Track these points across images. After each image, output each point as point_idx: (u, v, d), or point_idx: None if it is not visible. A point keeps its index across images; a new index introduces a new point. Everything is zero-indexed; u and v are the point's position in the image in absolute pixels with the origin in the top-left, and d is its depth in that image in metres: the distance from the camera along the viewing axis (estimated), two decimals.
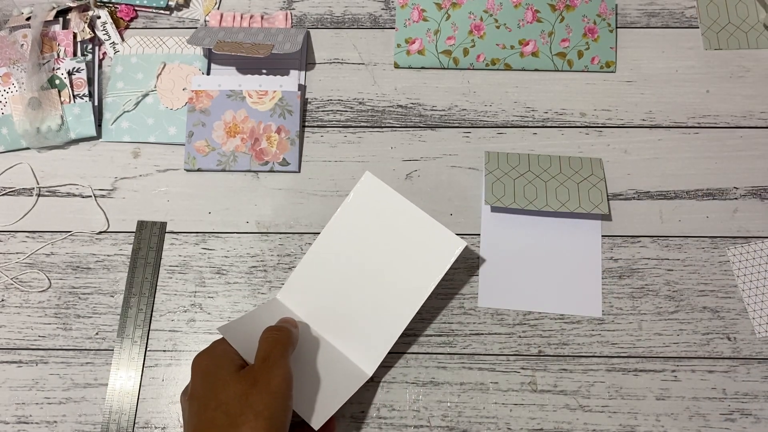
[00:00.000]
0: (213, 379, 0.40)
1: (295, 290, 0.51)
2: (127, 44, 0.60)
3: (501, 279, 0.53)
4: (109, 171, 0.57)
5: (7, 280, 0.54)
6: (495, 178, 0.54)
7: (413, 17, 0.58)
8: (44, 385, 0.51)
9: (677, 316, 0.52)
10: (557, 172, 0.54)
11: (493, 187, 0.53)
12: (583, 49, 0.58)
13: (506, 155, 0.55)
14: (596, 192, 0.53)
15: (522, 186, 0.53)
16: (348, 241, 0.51)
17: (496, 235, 0.54)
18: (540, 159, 0.55)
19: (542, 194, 0.53)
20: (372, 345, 0.49)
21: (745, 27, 0.59)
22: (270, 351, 0.42)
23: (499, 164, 0.54)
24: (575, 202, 0.52)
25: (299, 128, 0.56)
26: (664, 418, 0.49)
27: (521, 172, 0.54)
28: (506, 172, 0.54)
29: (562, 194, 0.53)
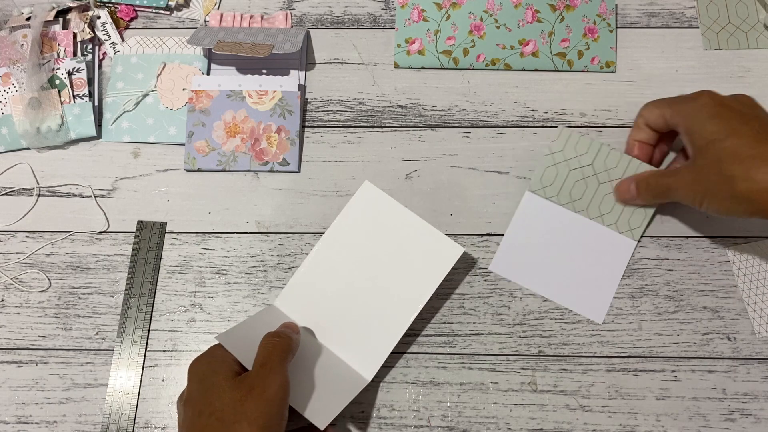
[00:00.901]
0: (208, 385, 0.40)
1: (293, 297, 0.51)
2: (127, 44, 0.60)
3: (520, 252, 0.53)
4: (109, 171, 0.57)
5: (7, 280, 0.54)
6: (552, 162, 0.53)
7: (413, 17, 0.58)
8: (44, 385, 0.51)
9: (677, 316, 0.52)
10: (619, 175, 0.52)
11: (545, 173, 0.53)
12: (583, 49, 0.58)
13: (578, 138, 0.53)
14: (640, 215, 0.52)
15: (573, 181, 0.53)
16: (346, 249, 0.51)
17: (532, 211, 0.53)
18: (610, 155, 0.53)
19: (588, 197, 0.52)
20: (370, 351, 0.49)
21: (745, 27, 0.59)
22: (268, 357, 0.42)
23: (566, 146, 0.53)
24: (614, 217, 0.52)
25: (299, 128, 0.56)
26: (664, 418, 0.49)
27: (582, 163, 0.53)
28: (568, 158, 0.53)
29: (606, 204, 0.52)
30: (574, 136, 0.53)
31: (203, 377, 0.41)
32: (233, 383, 0.40)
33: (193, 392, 0.41)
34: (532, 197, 0.53)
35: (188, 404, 0.40)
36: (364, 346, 0.49)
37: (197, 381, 0.41)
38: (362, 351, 0.49)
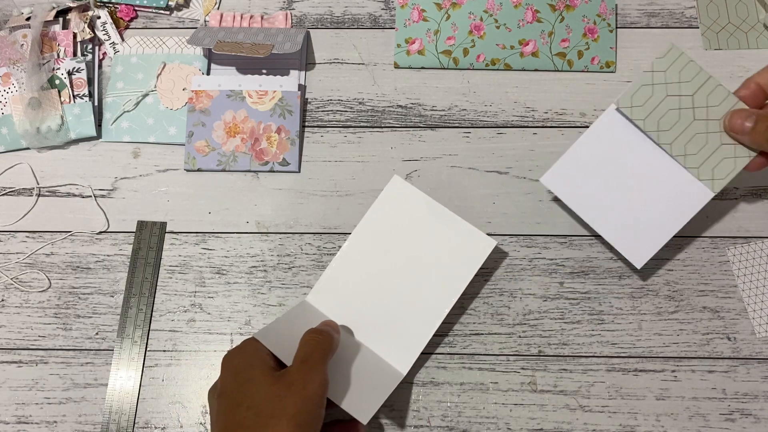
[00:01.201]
0: (245, 379, 0.40)
1: (325, 292, 0.51)
2: (127, 44, 0.60)
3: (580, 170, 0.48)
4: (109, 171, 0.57)
5: (7, 280, 0.54)
6: (650, 82, 0.47)
7: (413, 17, 0.58)
8: (44, 385, 0.51)
9: (677, 316, 0.52)
10: (719, 116, 0.46)
11: (639, 91, 0.47)
12: (583, 49, 0.58)
13: (687, 61, 0.47)
14: (728, 166, 0.46)
15: (667, 109, 0.46)
16: (377, 244, 0.51)
17: (610, 129, 0.48)
18: (717, 91, 0.46)
19: (677, 131, 0.46)
20: (404, 345, 0.49)
21: (745, 27, 0.59)
22: (309, 354, 0.41)
23: (671, 68, 0.47)
24: (698, 160, 0.46)
25: (299, 128, 0.56)
26: (664, 418, 0.49)
27: (682, 92, 0.46)
28: (668, 81, 0.46)
29: (695, 144, 0.46)
30: (683, 59, 0.46)
31: (239, 370, 0.41)
32: (271, 378, 0.40)
33: (227, 385, 0.40)
34: (616, 115, 0.48)
35: (223, 396, 0.40)
36: (397, 341, 0.49)
37: (232, 374, 0.41)
38: (396, 345, 0.49)
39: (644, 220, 0.47)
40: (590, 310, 0.52)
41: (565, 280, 0.52)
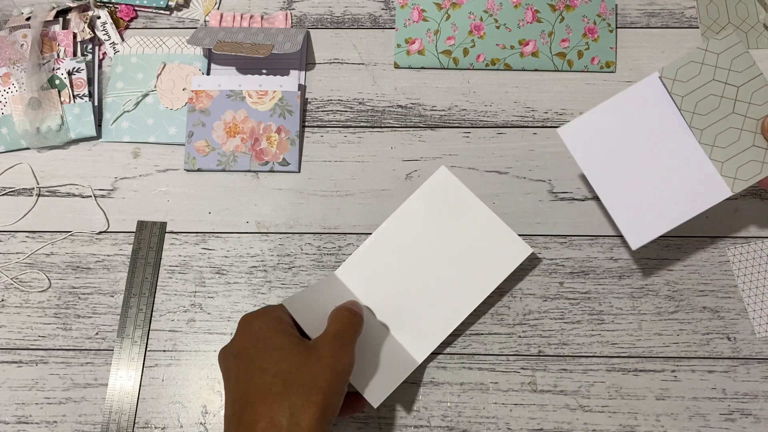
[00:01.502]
0: (271, 345, 0.40)
1: (355, 269, 0.51)
2: (127, 44, 0.60)
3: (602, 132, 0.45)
4: (109, 171, 0.57)
5: (7, 280, 0.54)
6: (701, 60, 0.44)
7: (413, 17, 0.58)
8: (44, 385, 0.51)
9: (677, 316, 0.52)
10: (758, 116, 0.44)
11: (687, 66, 0.44)
12: (583, 49, 0.58)
13: (743, 51, 0.44)
14: (754, 169, 0.43)
15: (709, 92, 0.44)
16: (413, 230, 0.51)
17: (646, 96, 0.45)
18: (762, 91, 0.44)
19: (712, 119, 0.44)
20: (424, 334, 0.49)
21: (745, 27, 0.59)
22: (343, 331, 0.42)
23: (726, 52, 0.44)
24: (725, 155, 0.43)
25: (299, 128, 0.56)
26: (664, 418, 0.49)
27: (729, 80, 0.44)
28: (719, 65, 0.44)
29: (726, 137, 0.44)
30: (739, 47, 0.44)
31: (261, 336, 0.40)
32: (301, 348, 0.40)
33: (249, 348, 0.40)
34: (657, 83, 0.45)
35: (244, 359, 0.40)
36: (418, 329, 0.49)
37: (253, 338, 0.40)
38: (416, 333, 0.50)
39: (652, 202, 0.44)
40: (590, 310, 0.52)
41: (565, 280, 0.52)
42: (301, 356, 0.39)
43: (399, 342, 0.49)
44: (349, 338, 0.42)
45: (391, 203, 0.55)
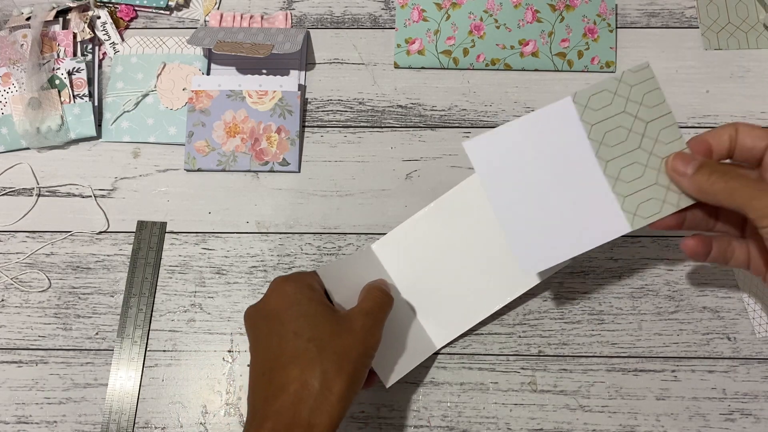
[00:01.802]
0: (305, 311, 0.40)
1: (391, 246, 0.51)
2: (127, 44, 0.60)
3: (508, 151, 0.43)
4: (109, 171, 0.57)
5: (7, 280, 0.54)
6: (614, 90, 0.42)
7: (413, 17, 0.58)
8: (44, 385, 0.51)
9: (677, 316, 0.52)
10: (664, 154, 0.42)
11: (600, 95, 0.42)
12: (583, 49, 0.58)
13: (655, 88, 0.42)
14: (654, 207, 0.42)
15: (618, 124, 0.42)
16: (458, 217, 0.51)
17: (555, 119, 0.43)
18: (670, 130, 0.42)
19: (618, 151, 0.42)
20: (448, 321, 0.50)
21: (745, 27, 0.59)
22: (376, 310, 0.43)
23: (639, 86, 0.42)
24: (627, 189, 0.42)
25: (299, 128, 0.56)
26: (664, 418, 0.49)
27: (639, 115, 0.42)
28: (631, 98, 0.42)
29: (630, 172, 0.42)
30: (652, 83, 0.42)
31: (296, 301, 0.41)
32: (334, 317, 0.41)
33: (281, 311, 0.41)
34: (570, 107, 0.42)
35: (275, 321, 0.40)
36: (443, 315, 0.50)
37: (287, 302, 0.41)
38: (440, 319, 0.50)
39: (551, 228, 0.43)
40: (590, 310, 0.52)
41: (565, 280, 0.52)
42: (333, 325, 0.40)
43: (422, 325, 0.50)
44: (381, 318, 0.43)
45: (391, 203, 0.55)
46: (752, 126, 0.40)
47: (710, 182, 0.39)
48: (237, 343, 0.52)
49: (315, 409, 0.37)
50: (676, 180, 0.41)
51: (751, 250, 0.42)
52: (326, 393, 0.37)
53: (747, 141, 0.40)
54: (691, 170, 0.40)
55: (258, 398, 0.39)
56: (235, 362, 0.51)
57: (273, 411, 0.37)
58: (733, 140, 0.40)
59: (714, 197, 0.39)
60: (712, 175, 0.39)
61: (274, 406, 0.37)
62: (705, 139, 0.41)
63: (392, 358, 0.47)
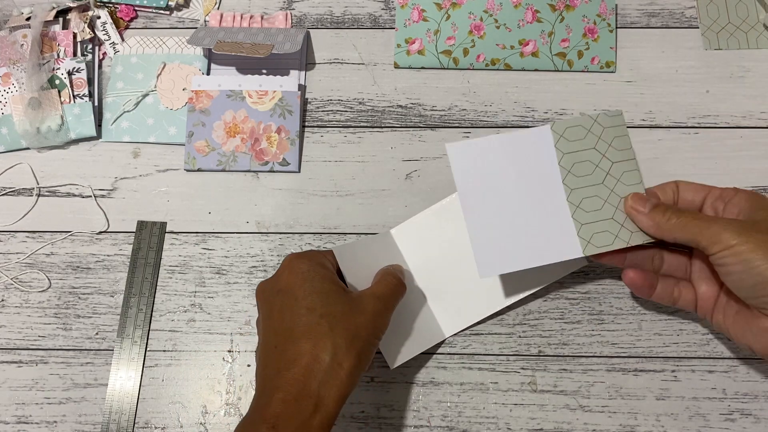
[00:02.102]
0: (317, 288, 0.41)
1: (411, 232, 0.52)
2: (127, 44, 0.60)
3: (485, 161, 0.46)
4: (109, 171, 0.57)
5: (7, 280, 0.54)
6: (588, 127, 0.47)
7: (413, 17, 0.58)
8: (44, 385, 0.51)
9: (677, 316, 0.52)
10: (623, 194, 0.46)
11: (575, 128, 0.47)
12: (583, 49, 0.58)
13: (625, 134, 0.47)
14: (607, 239, 0.45)
15: (587, 158, 0.46)
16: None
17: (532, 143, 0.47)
18: (632, 174, 0.46)
19: (583, 183, 0.46)
20: (459, 311, 0.50)
21: (745, 27, 0.59)
22: (388, 295, 0.44)
23: (611, 130, 0.47)
24: (586, 218, 0.46)
25: (299, 128, 0.56)
26: (664, 418, 0.49)
27: (607, 155, 0.46)
28: (602, 138, 0.46)
29: (591, 204, 0.46)
30: (622, 129, 0.47)
31: (309, 277, 0.42)
32: (345, 297, 0.42)
33: (296, 288, 0.42)
34: (547, 134, 0.46)
35: (289, 296, 0.41)
36: (455, 305, 0.50)
37: (301, 278, 0.42)
38: (451, 308, 0.51)
39: (511, 239, 0.46)
40: (590, 310, 0.52)
41: (565, 279, 0.52)
42: (345, 304, 0.41)
43: (432, 311, 0.51)
44: (392, 304, 0.44)
45: (391, 203, 0.55)
46: (691, 182, 0.46)
47: (666, 218, 0.44)
48: (237, 343, 0.52)
49: (324, 383, 0.38)
50: (634, 217, 0.45)
51: (698, 292, 0.47)
52: (336, 368, 0.39)
53: (687, 195, 0.46)
54: (648, 208, 0.45)
55: (269, 370, 0.40)
56: (235, 362, 0.51)
57: (284, 382, 0.38)
58: (675, 194, 0.47)
59: (669, 232, 0.43)
60: (667, 211, 0.44)
61: (286, 377, 0.38)
62: (654, 191, 0.47)
63: (400, 341, 0.48)
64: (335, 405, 0.38)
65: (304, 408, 0.37)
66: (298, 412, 0.37)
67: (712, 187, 0.46)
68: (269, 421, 0.37)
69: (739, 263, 0.40)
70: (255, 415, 0.39)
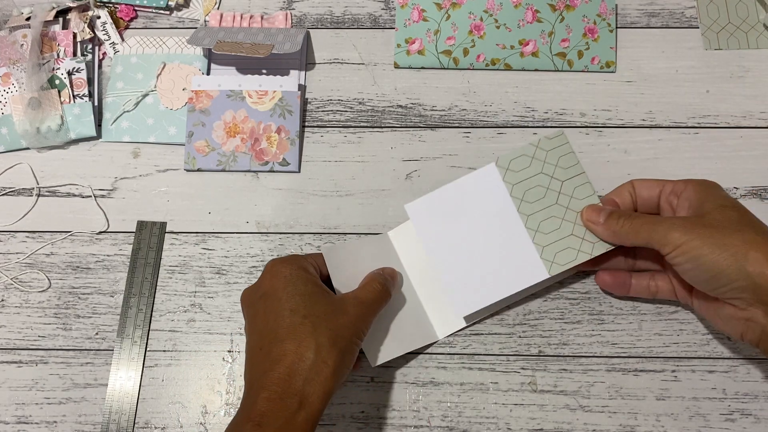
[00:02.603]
0: (300, 291, 0.42)
1: (407, 234, 0.52)
2: (127, 44, 0.60)
3: (442, 210, 0.49)
4: (109, 171, 0.57)
5: (7, 280, 0.54)
6: (532, 155, 0.49)
7: (413, 17, 0.58)
8: (44, 385, 0.51)
9: (677, 316, 0.52)
10: (578, 208, 0.48)
11: (519, 159, 0.49)
12: (583, 49, 0.58)
13: (569, 152, 0.49)
14: (569, 256, 0.47)
15: (536, 184, 0.48)
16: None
17: (482, 182, 0.49)
18: (584, 187, 0.48)
19: (537, 207, 0.48)
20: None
21: (745, 27, 0.59)
22: (370, 302, 0.45)
23: (554, 151, 0.49)
24: (546, 240, 0.48)
25: (299, 128, 0.56)
26: (664, 418, 0.49)
27: (555, 175, 0.49)
28: (547, 161, 0.48)
29: (548, 225, 0.48)
30: (565, 148, 0.49)
31: (292, 281, 0.43)
32: (327, 299, 0.43)
33: (279, 291, 0.42)
34: (493, 172, 0.49)
35: (273, 300, 0.42)
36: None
37: (284, 282, 0.43)
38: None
39: (480, 276, 0.48)
40: (590, 310, 0.52)
41: (565, 279, 0.52)
42: (328, 305, 0.42)
43: (426, 312, 0.51)
44: (374, 309, 0.45)
45: (391, 203, 0.55)
46: (645, 179, 0.48)
47: (619, 225, 0.45)
48: (237, 343, 0.52)
49: (309, 380, 0.39)
50: (591, 228, 0.47)
51: (673, 281, 0.48)
52: (321, 365, 0.39)
53: (643, 193, 0.47)
54: (603, 218, 0.46)
55: (255, 371, 0.41)
56: (235, 362, 0.51)
57: (269, 382, 0.39)
58: (633, 195, 0.48)
59: (625, 237, 0.45)
60: (620, 219, 0.45)
61: (271, 377, 0.39)
62: (611, 198, 0.49)
63: (386, 339, 0.48)
64: (320, 402, 0.39)
65: (288, 405, 0.38)
66: (283, 410, 0.38)
67: (665, 182, 0.47)
68: (255, 420, 0.38)
69: (690, 261, 0.41)
70: (242, 415, 0.39)
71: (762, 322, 0.41)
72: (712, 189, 0.45)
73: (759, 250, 0.39)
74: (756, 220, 0.42)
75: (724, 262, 0.40)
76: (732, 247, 0.40)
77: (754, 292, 0.40)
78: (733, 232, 0.41)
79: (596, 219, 0.47)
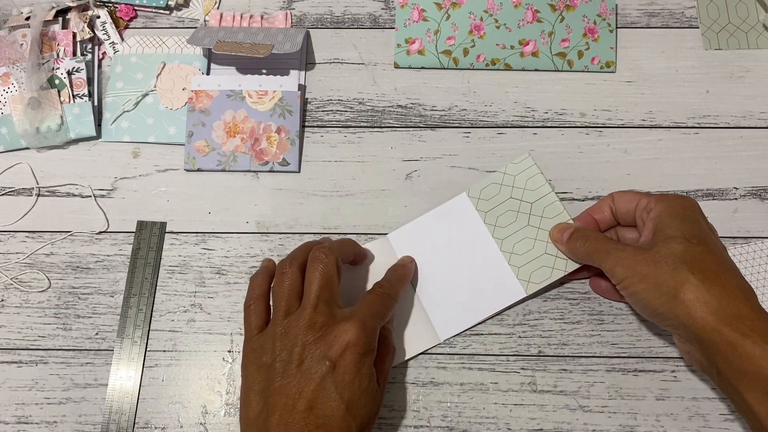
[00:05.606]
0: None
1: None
2: (126, 44, 0.60)
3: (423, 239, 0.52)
4: (108, 171, 0.57)
5: (7, 280, 0.54)
6: (500, 181, 0.52)
7: (413, 17, 0.58)
8: (44, 385, 0.51)
9: None
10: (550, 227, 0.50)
11: (489, 187, 0.52)
12: (583, 49, 0.58)
13: (536, 173, 0.52)
14: (545, 274, 0.50)
15: (507, 209, 0.52)
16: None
17: (456, 212, 0.52)
18: (553, 206, 0.51)
19: (510, 231, 0.51)
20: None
21: (745, 27, 0.59)
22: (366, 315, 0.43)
23: (521, 174, 0.52)
24: (521, 261, 0.50)
25: (299, 128, 0.56)
26: (664, 418, 0.49)
27: (524, 198, 0.51)
28: (515, 185, 0.52)
29: (522, 246, 0.51)
30: (533, 170, 0.52)
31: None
32: None
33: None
34: (465, 201, 0.52)
35: None
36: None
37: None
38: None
39: (460, 300, 0.51)
40: (590, 310, 0.52)
41: (565, 280, 0.52)
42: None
43: (427, 314, 0.51)
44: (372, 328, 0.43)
45: (391, 203, 0.55)
46: (624, 192, 0.48)
47: (577, 246, 0.46)
48: (237, 343, 0.52)
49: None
50: (558, 247, 0.49)
51: None
52: None
53: (621, 207, 0.47)
54: (566, 237, 0.48)
55: None
56: (235, 362, 0.51)
57: None
58: (613, 209, 0.48)
59: (583, 259, 0.47)
60: (578, 239, 0.46)
61: None
62: (589, 214, 0.49)
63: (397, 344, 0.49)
64: None
65: None
66: None
67: (641, 196, 0.46)
68: None
69: (630, 296, 0.43)
70: None
71: (698, 357, 0.42)
72: (676, 213, 0.43)
73: (687, 291, 0.40)
74: (700, 253, 0.41)
75: (657, 301, 0.41)
76: (665, 287, 0.40)
77: (686, 330, 0.41)
78: (670, 270, 0.40)
79: (560, 238, 0.49)
